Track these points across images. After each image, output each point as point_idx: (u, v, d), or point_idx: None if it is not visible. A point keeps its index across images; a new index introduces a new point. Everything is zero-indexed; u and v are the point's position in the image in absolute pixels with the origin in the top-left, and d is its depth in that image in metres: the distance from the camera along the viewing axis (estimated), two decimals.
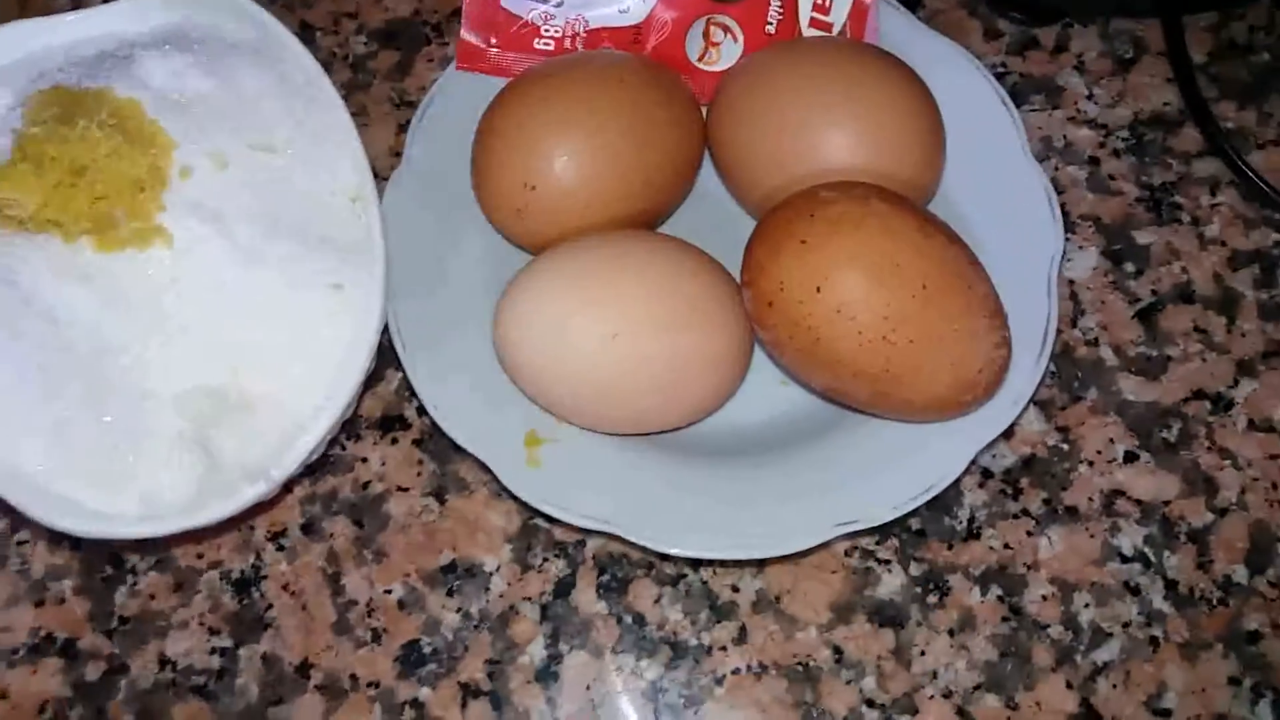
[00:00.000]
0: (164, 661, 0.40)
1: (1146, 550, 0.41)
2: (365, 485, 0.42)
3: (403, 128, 0.48)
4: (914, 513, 0.41)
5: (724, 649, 0.40)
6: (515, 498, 0.40)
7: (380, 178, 0.43)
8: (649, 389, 0.38)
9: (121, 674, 0.39)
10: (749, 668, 0.40)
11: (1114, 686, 0.39)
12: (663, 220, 0.45)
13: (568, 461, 0.39)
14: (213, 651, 0.40)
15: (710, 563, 0.41)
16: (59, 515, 0.35)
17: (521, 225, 0.41)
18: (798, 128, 0.40)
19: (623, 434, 0.40)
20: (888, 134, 0.40)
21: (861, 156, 0.40)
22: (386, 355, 0.42)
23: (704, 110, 0.44)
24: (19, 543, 0.41)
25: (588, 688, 0.39)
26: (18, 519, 0.41)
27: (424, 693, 0.39)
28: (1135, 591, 0.41)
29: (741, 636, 0.40)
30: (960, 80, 0.45)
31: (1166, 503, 0.42)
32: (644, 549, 0.39)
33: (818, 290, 0.35)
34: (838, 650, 0.40)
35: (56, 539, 0.41)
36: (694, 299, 0.38)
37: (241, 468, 0.36)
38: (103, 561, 0.41)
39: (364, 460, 0.43)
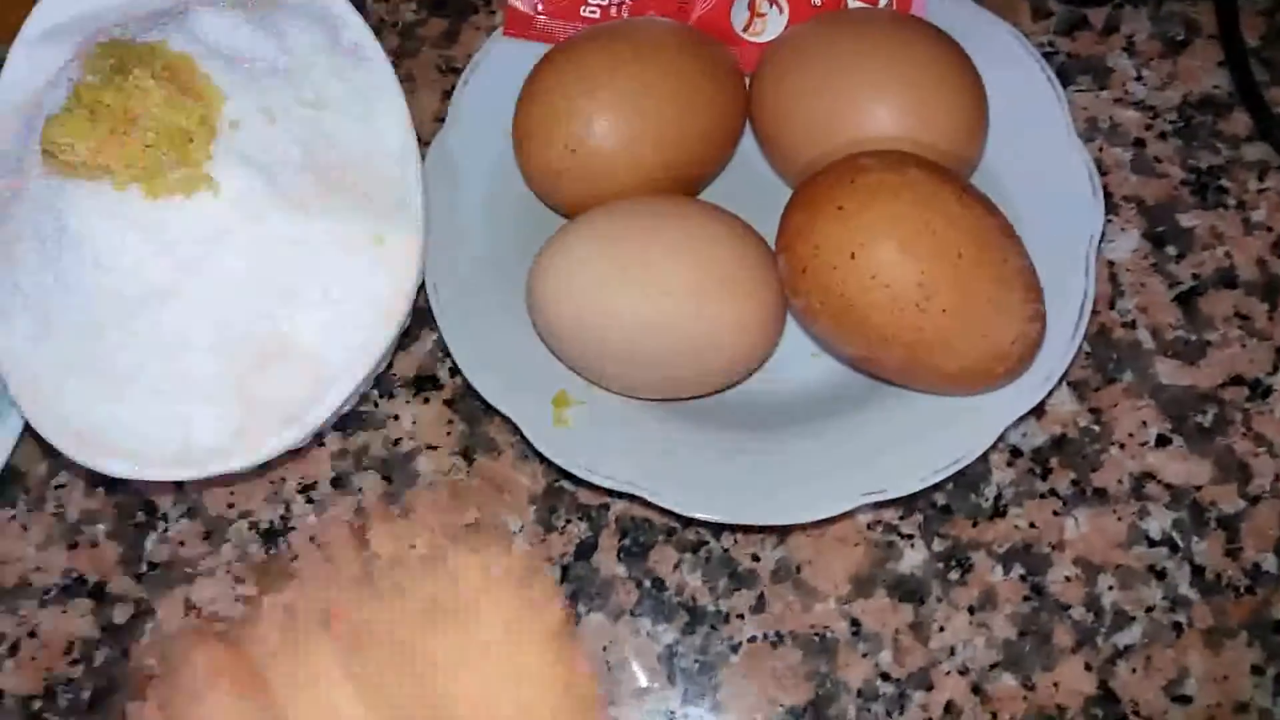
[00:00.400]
0: (189, 607, 0.40)
1: (1175, 535, 0.41)
2: (396, 442, 0.43)
3: (448, 94, 0.48)
4: (940, 488, 0.41)
5: (741, 616, 0.40)
6: (542, 459, 0.40)
7: (424, 142, 0.43)
8: (680, 353, 0.38)
9: (148, 618, 0.40)
10: (765, 636, 0.40)
11: (1134, 671, 0.39)
12: (701, 188, 0.44)
13: (595, 423, 0.39)
14: (238, 599, 0.40)
15: (732, 530, 0.41)
16: (96, 456, 0.36)
17: (560, 189, 0.41)
18: (840, 98, 0.40)
19: (652, 399, 0.40)
20: (930, 106, 0.40)
21: (903, 128, 0.39)
22: (422, 316, 0.43)
23: (747, 81, 0.44)
24: (56, 486, 0.42)
25: (604, 649, 0.39)
26: (56, 462, 0.42)
27: None
28: (1161, 576, 0.40)
29: (760, 605, 0.40)
30: (1006, 57, 0.44)
31: (1198, 488, 0.42)
32: (667, 513, 0.40)
33: (852, 256, 0.35)
34: (855, 623, 0.40)
35: (93, 484, 0.42)
36: (728, 264, 0.38)
37: (276, 415, 0.36)
38: (136, 508, 0.42)
39: (395, 418, 0.43)
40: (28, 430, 0.40)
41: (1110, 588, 0.40)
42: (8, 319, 0.37)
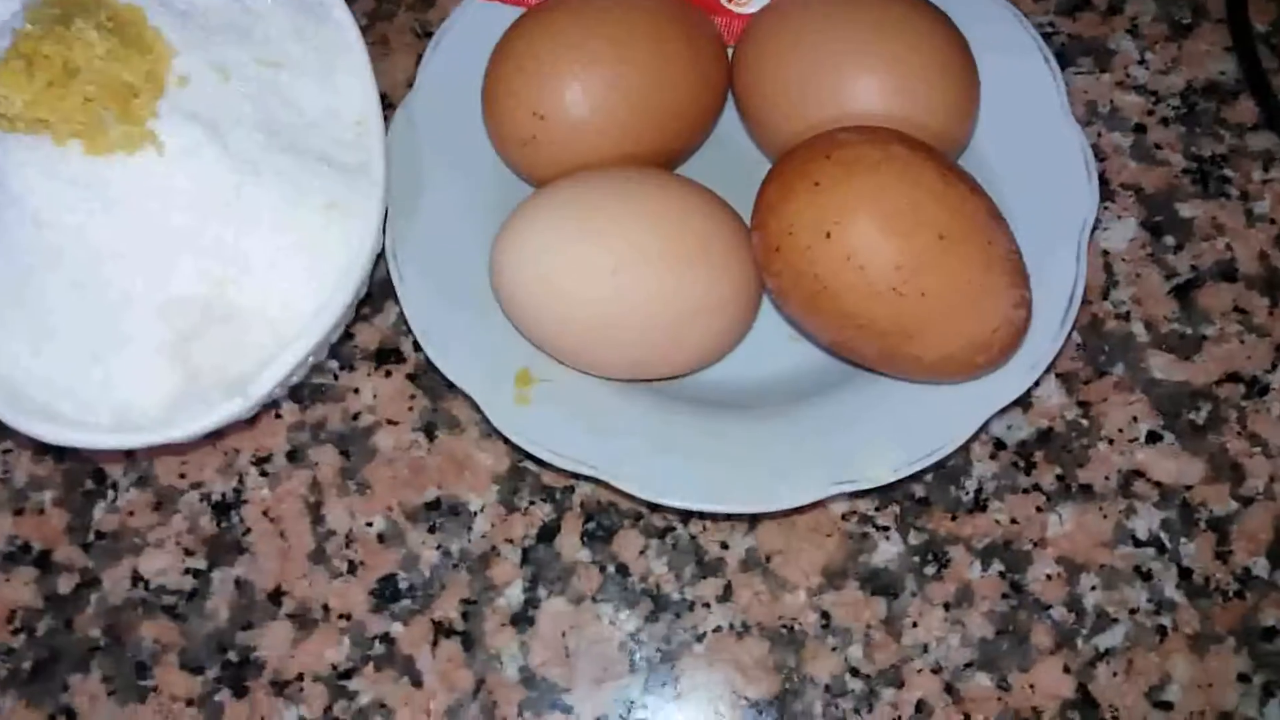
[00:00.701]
0: (136, 579, 0.39)
1: (1162, 535, 0.39)
2: (355, 416, 0.41)
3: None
4: (918, 480, 0.40)
5: (707, 605, 0.38)
6: (506, 439, 0.39)
7: (393, 108, 0.42)
8: (649, 331, 0.36)
9: (93, 588, 0.39)
10: (731, 626, 0.38)
11: (1114, 675, 0.38)
12: (679, 163, 0.43)
13: (558, 402, 0.38)
14: (186, 572, 0.39)
15: (701, 517, 0.39)
16: (32, 421, 0.35)
17: (529, 157, 0.39)
18: (826, 72, 0.38)
19: (619, 379, 0.39)
20: (919, 82, 0.38)
21: (891, 104, 0.38)
22: (387, 287, 0.41)
23: (730, 52, 0.42)
24: (3, 451, 0.41)
25: (563, 634, 0.38)
26: (2, 427, 0.41)
27: (396, 628, 0.38)
28: (1146, 577, 0.39)
29: (726, 594, 0.39)
30: (1001, 34, 0.43)
31: (1188, 487, 0.40)
32: (632, 497, 0.38)
33: (827, 235, 0.34)
34: (825, 615, 0.38)
35: (41, 450, 0.41)
36: (702, 239, 0.36)
37: (220, 383, 0.35)
38: (85, 475, 0.40)
39: (356, 391, 0.42)
40: None
41: (1093, 588, 0.39)
42: None
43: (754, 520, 0.39)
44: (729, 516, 0.39)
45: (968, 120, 0.39)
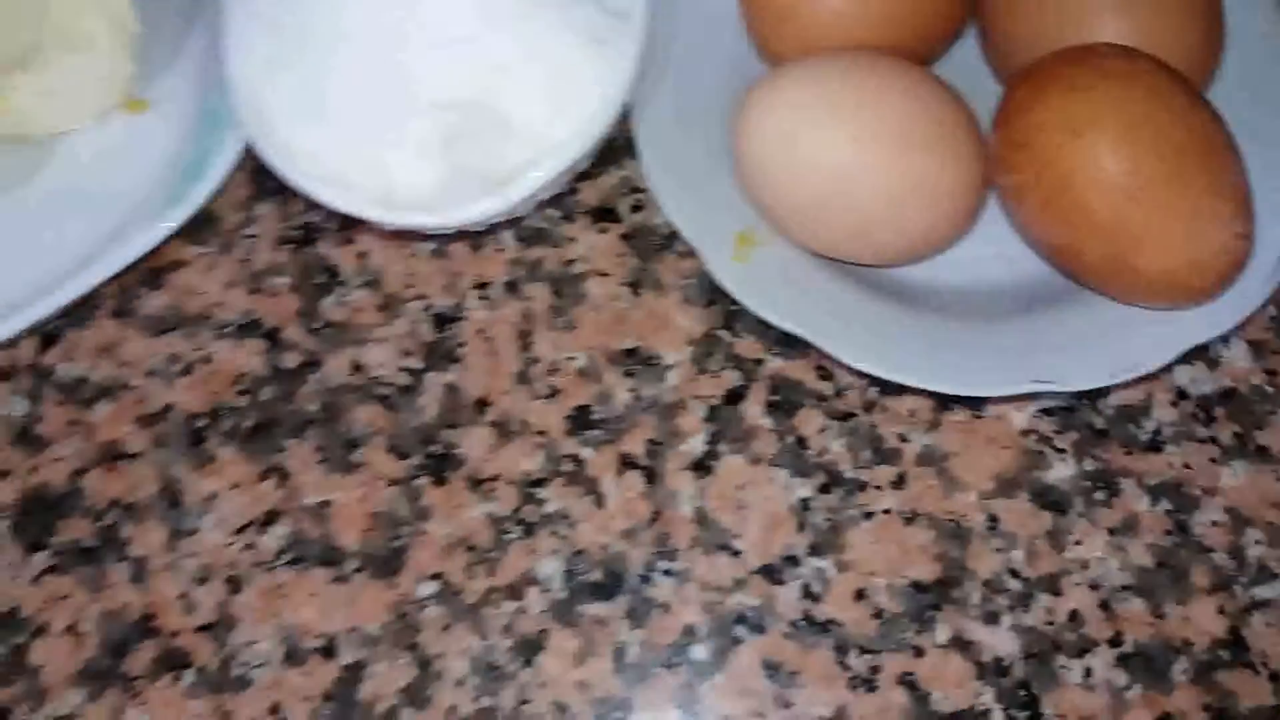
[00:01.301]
0: (356, 367, 0.42)
1: None
2: (569, 263, 0.44)
3: None
4: (1099, 413, 0.41)
5: (879, 488, 0.40)
6: (708, 304, 0.41)
7: None
8: (874, 203, 0.38)
9: (315, 368, 0.42)
10: (900, 512, 0.40)
11: (1269, 625, 0.38)
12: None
13: (773, 265, 0.40)
14: (402, 370, 0.42)
15: (884, 409, 0.41)
16: (308, 180, 0.38)
17: (779, 31, 0.41)
18: (1076, 4, 0.40)
19: (835, 256, 0.40)
20: (1167, 27, 0.39)
21: (1136, 44, 0.39)
22: (612, 153, 0.44)
23: None
24: (246, 236, 0.44)
25: (738, 488, 0.40)
26: (251, 214, 0.44)
27: (586, 452, 0.40)
28: None
29: (900, 482, 0.40)
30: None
31: None
32: (821, 379, 0.40)
33: (1076, 135, 0.35)
34: (993, 519, 0.40)
35: (282, 239, 0.44)
36: (937, 126, 0.38)
37: (480, 182, 0.37)
38: (319, 270, 0.44)
39: (573, 240, 0.44)
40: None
41: (1257, 542, 0.39)
42: (248, 47, 0.39)
43: (936, 421, 0.41)
44: (912, 413, 0.41)
45: (1208, 71, 0.40)
